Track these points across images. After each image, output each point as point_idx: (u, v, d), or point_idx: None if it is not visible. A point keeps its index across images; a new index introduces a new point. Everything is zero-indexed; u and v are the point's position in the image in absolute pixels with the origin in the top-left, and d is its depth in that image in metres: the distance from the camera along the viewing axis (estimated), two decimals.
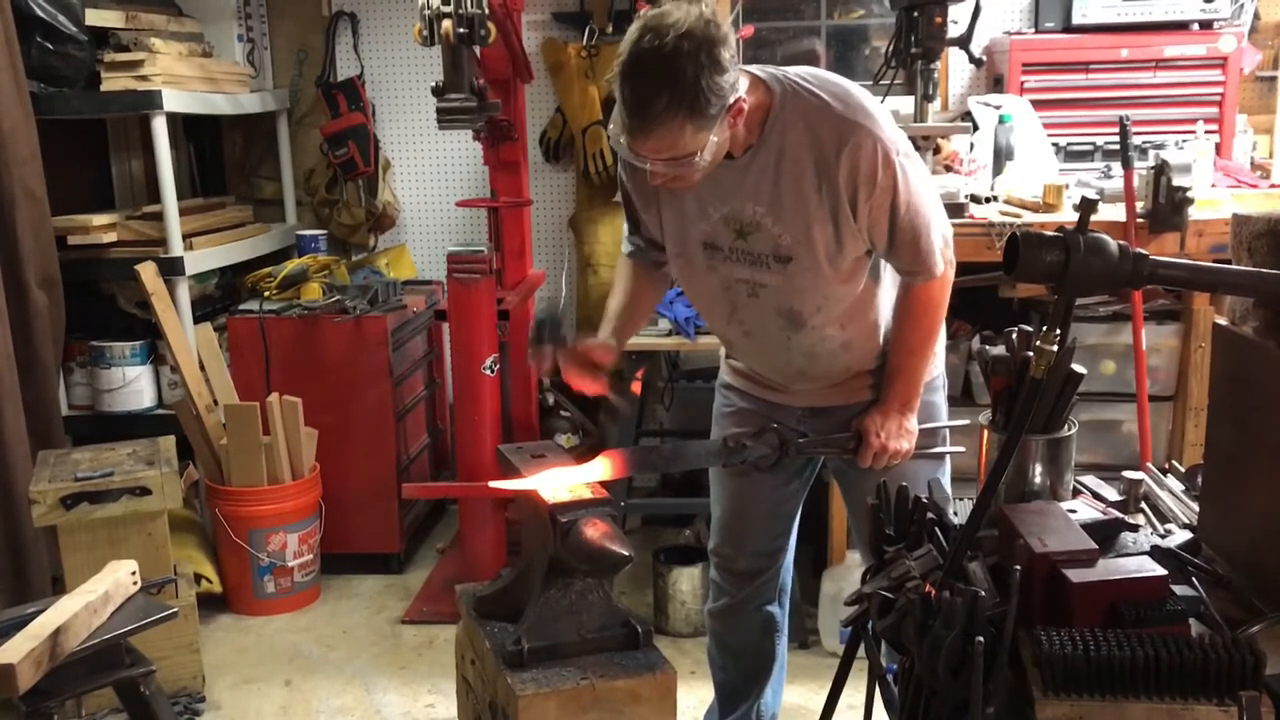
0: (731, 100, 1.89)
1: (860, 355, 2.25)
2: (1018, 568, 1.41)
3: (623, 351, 2.43)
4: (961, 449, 2.35)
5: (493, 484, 2.56)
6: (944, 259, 2.13)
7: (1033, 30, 3.99)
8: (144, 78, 3.66)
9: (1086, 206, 1.49)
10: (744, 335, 2.26)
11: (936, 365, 2.34)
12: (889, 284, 2.23)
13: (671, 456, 2.55)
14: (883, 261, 2.18)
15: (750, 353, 2.31)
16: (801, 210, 2.04)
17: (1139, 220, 3.26)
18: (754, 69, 2.05)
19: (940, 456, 2.35)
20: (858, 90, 2.05)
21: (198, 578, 3.51)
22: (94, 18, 3.70)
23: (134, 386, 3.95)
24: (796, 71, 2.07)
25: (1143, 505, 1.90)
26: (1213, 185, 3.49)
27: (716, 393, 2.49)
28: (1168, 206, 3.22)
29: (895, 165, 2.00)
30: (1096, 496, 1.89)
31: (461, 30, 3.14)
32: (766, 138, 2.02)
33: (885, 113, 2.06)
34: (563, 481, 1.96)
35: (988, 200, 3.41)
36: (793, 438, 2.17)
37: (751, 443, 2.13)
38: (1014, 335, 1.79)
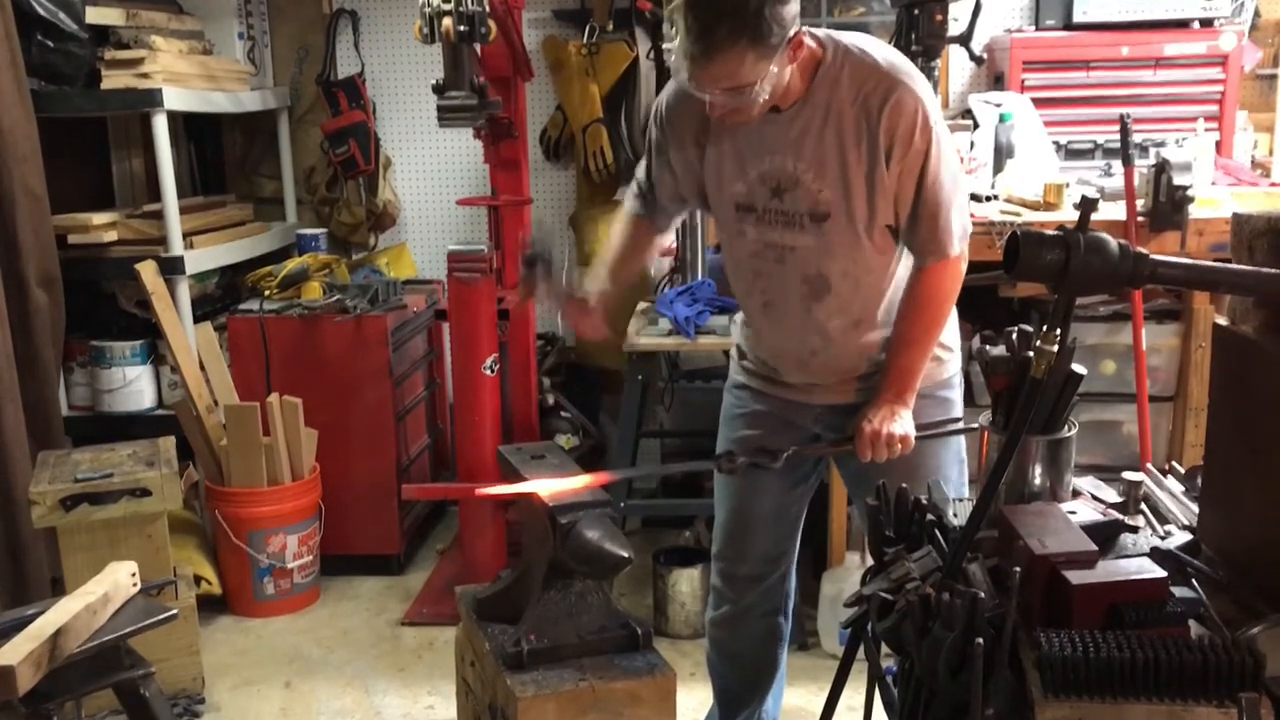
0: (792, 32, 1.91)
1: (873, 339, 2.23)
2: (1017, 569, 1.41)
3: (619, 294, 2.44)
4: (976, 426, 2.33)
5: (479, 491, 2.56)
6: (960, 243, 2.14)
7: (1033, 28, 3.98)
8: (144, 75, 3.66)
9: (1087, 205, 1.49)
10: (763, 306, 2.25)
11: (954, 363, 2.34)
12: (907, 269, 2.22)
13: (662, 469, 2.53)
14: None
15: (766, 328, 2.29)
16: (842, 168, 2.06)
17: (1139, 219, 3.26)
18: (806, 29, 2.06)
19: (956, 455, 2.34)
20: (908, 61, 2.09)
21: (197, 579, 3.51)
22: (94, 15, 3.69)
23: (134, 387, 3.95)
24: (847, 35, 2.10)
25: (1142, 506, 1.89)
26: (1213, 183, 3.48)
27: (726, 394, 2.46)
28: (1168, 205, 3.22)
29: (932, 131, 2.03)
30: (1096, 498, 1.88)
31: (462, 28, 3.14)
32: (814, 92, 2.05)
33: (930, 88, 2.09)
34: (554, 488, 1.95)
35: (988, 199, 3.40)
36: (791, 445, 2.17)
37: (744, 458, 2.13)
38: (1014, 335, 1.78)
